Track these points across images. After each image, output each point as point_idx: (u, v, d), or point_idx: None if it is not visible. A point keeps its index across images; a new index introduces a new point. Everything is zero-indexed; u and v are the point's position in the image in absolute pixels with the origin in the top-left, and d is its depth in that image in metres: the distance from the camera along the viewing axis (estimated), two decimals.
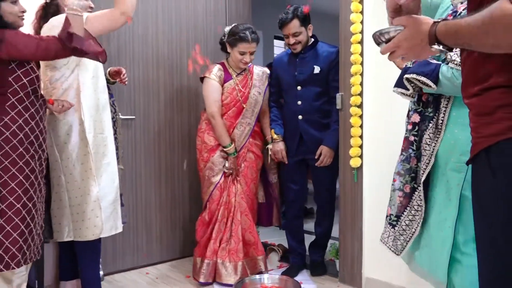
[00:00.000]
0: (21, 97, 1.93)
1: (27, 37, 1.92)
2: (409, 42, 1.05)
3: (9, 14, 1.95)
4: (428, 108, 1.74)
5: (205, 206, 2.77)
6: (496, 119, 0.99)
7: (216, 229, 2.69)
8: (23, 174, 1.91)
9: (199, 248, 2.71)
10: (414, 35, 1.05)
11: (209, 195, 2.73)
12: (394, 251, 1.86)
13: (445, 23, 1.01)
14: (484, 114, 1.02)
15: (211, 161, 2.72)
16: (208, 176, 2.73)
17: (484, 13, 0.89)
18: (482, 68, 1.02)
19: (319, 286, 2.62)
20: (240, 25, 2.73)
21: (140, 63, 2.96)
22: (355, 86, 2.49)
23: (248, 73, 2.84)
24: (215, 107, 2.71)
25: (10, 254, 1.86)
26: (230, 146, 2.71)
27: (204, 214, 2.76)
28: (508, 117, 0.97)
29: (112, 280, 2.74)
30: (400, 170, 1.81)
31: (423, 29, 1.03)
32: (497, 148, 1.00)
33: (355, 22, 2.46)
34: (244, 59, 2.70)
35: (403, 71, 1.75)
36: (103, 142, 2.27)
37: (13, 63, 1.90)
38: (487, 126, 1.01)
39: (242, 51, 2.67)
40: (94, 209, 2.19)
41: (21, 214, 1.89)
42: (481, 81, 1.02)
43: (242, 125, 2.76)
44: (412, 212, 1.79)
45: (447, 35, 1.00)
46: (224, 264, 2.64)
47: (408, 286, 2.35)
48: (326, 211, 2.84)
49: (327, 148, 2.69)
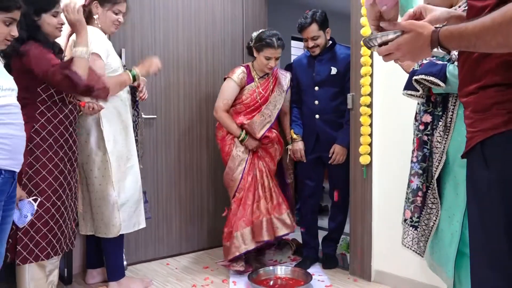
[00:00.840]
0: (49, 105, 2.07)
1: (44, 59, 1.99)
2: (410, 45, 1.14)
3: (48, 25, 2.09)
4: (438, 108, 1.80)
5: (233, 195, 2.85)
6: (491, 115, 1.08)
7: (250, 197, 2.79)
8: (53, 175, 2.07)
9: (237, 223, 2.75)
10: (417, 39, 1.13)
11: (238, 184, 2.82)
12: (419, 253, 1.87)
13: (447, 28, 1.10)
14: (480, 111, 1.11)
15: (232, 154, 2.84)
16: (233, 167, 2.83)
17: (494, 14, 0.97)
18: (479, 68, 1.11)
19: (330, 278, 2.73)
20: (266, 31, 2.83)
21: (162, 66, 3.10)
22: (365, 86, 2.60)
23: (271, 76, 2.93)
24: (221, 103, 2.84)
25: (40, 247, 2.03)
26: (241, 135, 2.82)
27: (234, 199, 2.82)
28: (502, 113, 1.05)
29: (135, 270, 2.90)
30: (417, 170, 1.84)
31: (425, 33, 1.12)
32: (491, 141, 1.08)
33: (365, 25, 2.57)
34: (270, 64, 2.79)
35: (411, 73, 1.83)
36: (126, 147, 2.43)
37: None
38: (483, 121, 1.10)
39: (268, 56, 2.77)
40: (112, 211, 2.37)
41: (50, 212, 2.06)
42: (477, 80, 1.11)
43: (263, 115, 2.83)
44: (428, 210, 1.83)
45: (451, 39, 1.08)
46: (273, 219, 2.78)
47: (414, 278, 2.45)
48: (340, 207, 2.95)
49: (339, 147, 2.81)
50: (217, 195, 3.38)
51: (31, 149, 2.02)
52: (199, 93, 3.30)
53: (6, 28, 1.65)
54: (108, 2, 2.39)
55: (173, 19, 3.15)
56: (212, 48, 3.34)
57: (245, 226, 2.73)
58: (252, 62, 2.93)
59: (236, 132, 2.83)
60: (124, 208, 2.41)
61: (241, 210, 2.76)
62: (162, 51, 3.10)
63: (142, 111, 2.89)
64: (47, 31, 2.11)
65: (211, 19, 3.34)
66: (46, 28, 2.10)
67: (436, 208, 1.81)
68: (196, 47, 3.27)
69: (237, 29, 3.46)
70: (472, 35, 1.03)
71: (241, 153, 2.84)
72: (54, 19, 2.11)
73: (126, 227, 2.43)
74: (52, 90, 2.08)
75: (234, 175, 2.82)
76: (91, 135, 2.37)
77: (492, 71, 1.08)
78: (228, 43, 3.42)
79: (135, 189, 2.47)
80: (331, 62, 2.85)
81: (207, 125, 3.34)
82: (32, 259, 2.02)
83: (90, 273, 2.67)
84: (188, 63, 3.23)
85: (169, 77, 3.15)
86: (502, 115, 1.06)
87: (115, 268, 2.51)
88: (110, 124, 2.37)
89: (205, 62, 3.31)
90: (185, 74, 3.23)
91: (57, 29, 2.14)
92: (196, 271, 2.89)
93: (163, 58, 3.11)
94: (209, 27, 3.33)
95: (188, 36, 3.23)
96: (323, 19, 2.82)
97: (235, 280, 2.69)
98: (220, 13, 3.38)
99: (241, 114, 2.87)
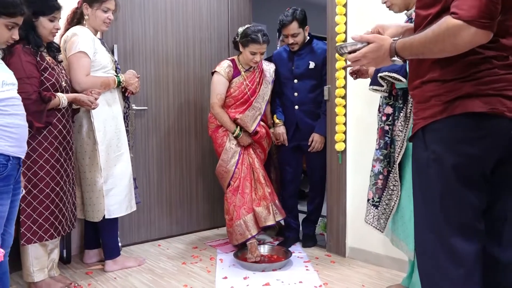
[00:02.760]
0: None
1: (21, 69, 2.09)
2: (374, 54, 1.38)
3: (43, 28, 2.25)
4: (399, 100, 2.05)
5: (228, 184, 2.97)
6: (430, 106, 1.32)
7: (248, 185, 2.93)
8: (49, 164, 2.26)
9: (238, 211, 2.88)
10: (379, 49, 1.37)
11: (231, 175, 2.94)
12: (379, 229, 2.15)
13: (402, 40, 1.35)
14: (422, 102, 1.35)
15: (226, 147, 2.96)
16: (226, 159, 2.95)
17: (434, 26, 1.22)
18: (421, 67, 1.35)
19: (309, 255, 2.97)
20: (252, 27, 2.93)
21: (152, 60, 3.30)
22: (340, 79, 2.82)
23: (257, 69, 3.04)
24: (216, 99, 2.96)
25: (43, 229, 2.24)
26: (235, 131, 2.94)
27: (230, 188, 2.95)
28: (438, 104, 1.29)
29: (129, 250, 3.11)
30: (379, 156, 2.11)
31: (385, 44, 1.37)
32: (430, 128, 1.33)
33: (340, 23, 2.79)
34: (255, 59, 2.89)
35: (376, 71, 2.07)
36: (116, 136, 2.61)
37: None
38: (424, 111, 1.34)
39: (253, 51, 2.86)
40: (98, 197, 2.56)
41: (50, 197, 2.26)
42: (421, 76, 1.36)
43: (254, 109, 2.97)
44: (389, 192, 2.09)
45: (404, 49, 1.33)
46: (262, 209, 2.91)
47: (383, 253, 2.71)
48: (317, 190, 3.21)
49: (318, 135, 3.04)
50: (205, 181, 3.61)
51: (28, 141, 2.15)
52: (188, 86, 3.50)
53: (8, 32, 1.78)
54: (96, 1, 2.53)
55: (162, 15, 3.33)
56: (200, 43, 3.53)
57: (246, 213, 2.88)
58: (238, 56, 3.05)
59: (231, 128, 2.95)
60: (114, 192, 2.59)
61: (240, 199, 2.91)
62: (152, 46, 3.28)
63: (133, 103, 3.08)
64: (41, 34, 2.26)
65: (198, 15, 3.51)
66: (41, 30, 2.25)
67: (397, 190, 2.06)
68: (184, 42, 3.45)
69: (223, 24, 3.65)
70: (419, 45, 1.27)
71: (234, 146, 2.97)
72: (50, 24, 2.26)
73: (117, 210, 2.61)
74: (48, 84, 2.23)
75: (228, 167, 2.95)
76: (82, 126, 2.56)
77: (431, 69, 1.32)
78: (214, 37, 3.61)
79: (125, 175, 2.65)
80: (309, 57, 3.06)
81: (195, 115, 3.54)
82: (36, 240, 2.23)
83: (88, 254, 2.87)
84: (177, 57, 3.42)
85: (159, 71, 3.34)
86: (439, 105, 1.29)
87: (111, 247, 2.72)
88: (100, 115, 2.54)
89: (192, 56, 3.50)
90: (174, 67, 3.41)
91: (51, 34, 2.29)
92: (185, 251, 3.12)
93: (153, 52, 3.30)
94: (196, 23, 3.51)
95: (176, 31, 3.41)
96: (303, 17, 3.02)
97: (222, 258, 2.93)
98: (207, 9, 3.56)
99: (232, 107, 2.99)
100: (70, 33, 2.50)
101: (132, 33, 3.18)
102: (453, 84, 1.26)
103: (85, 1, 2.55)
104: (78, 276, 2.62)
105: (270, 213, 2.92)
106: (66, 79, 2.38)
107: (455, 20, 1.16)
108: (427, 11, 1.31)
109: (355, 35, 1.43)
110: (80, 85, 2.45)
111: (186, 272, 2.70)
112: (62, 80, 2.33)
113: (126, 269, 2.72)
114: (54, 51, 2.41)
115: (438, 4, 1.26)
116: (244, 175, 2.94)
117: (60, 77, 2.33)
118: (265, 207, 2.92)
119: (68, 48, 2.47)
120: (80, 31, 2.49)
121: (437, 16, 1.26)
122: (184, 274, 2.66)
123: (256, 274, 2.62)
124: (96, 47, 2.54)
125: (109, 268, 2.68)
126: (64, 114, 2.34)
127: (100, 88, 2.51)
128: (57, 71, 2.32)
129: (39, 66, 2.22)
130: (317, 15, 3.92)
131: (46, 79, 2.24)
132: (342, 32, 2.79)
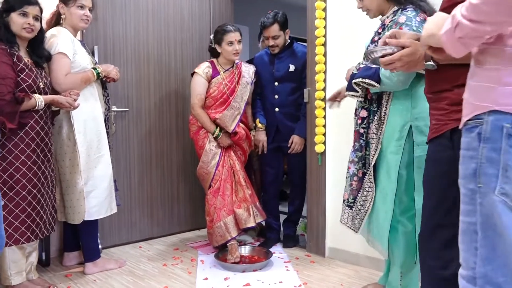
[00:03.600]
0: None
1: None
2: (409, 58, 1.45)
3: (14, 24, 2.23)
4: (373, 104, 2.10)
5: (209, 186, 2.98)
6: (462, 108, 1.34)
7: (229, 187, 2.94)
8: (26, 166, 2.23)
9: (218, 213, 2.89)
10: (414, 53, 1.44)
11: (212, 176, 2.96)
12: (353, 229, 2.20)
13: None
14: (455, 104, 1.36)
15: (206, 149, 2.97)
16: (206, 161, 2.97)
17: None
18: (450, 72, 1.37)
19: (289, 255, 3.01)
20: (221, 24, 3.04)
21: (133, 61, 3.29)
22: (319, 82, 2.87)
23: (236, 69, 3.07)
24: (196, 99, 2.98)
25: (20, 232, 2.21)
26: (215, 132, 2.96)
27: (210, 190, 2.96)
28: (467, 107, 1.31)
29: (109, 252, 3.09)
30: (354, 158, 2.15)
31: (421, 49, 1.42)
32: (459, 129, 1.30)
33: (319, 27, 2.83)
34: (234, 48, 2.93)
35: (351, 77, 2.11)
36: (96, 138, 2.59)
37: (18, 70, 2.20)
38: (457, 113, 1.31)
39: (230, 40, 2.92)
40: (79, 199, 2.54)
41: (27, 199, 2.24)
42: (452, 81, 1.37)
43: (233, 108, 2.98)
44: (364, 193, 2.13)
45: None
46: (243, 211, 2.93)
47: (361, 252, 2.76)
48: (298, 191, 3.25)
49: (298, 137, 3.08)
50: (187, 182, 3.61)
51: (3, 143, 2.17)
52: (169, 87, 3.50)
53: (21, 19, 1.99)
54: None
55: (143, 16, 3.33)
56: (181, 44, 3.54)
57: (226, 215, 2.89)
58: (217, 58, 3.07)
59: (210, 129, 2.97)
60: (94, 195, 2.58)
61: (220, 201, 2.92)
62: (133, 47, 3.28)
63: (114, 105, 3.08)
64: (14, 31, 2.24)
65: (180, 16, 3.52)
66: (13, 27, 2.23)
67: (372, 191, 2.11)
68: (165, 43, 3.45)
69: (204, 25, 3.66)
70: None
71: (214, 147, 2.98)
72: (20, 19, 2.23)
73: (97, 212, 2.60)
74: (24, 85, 2.20)
75: (208, 168, 2.97)
76: (62, 127, 2.54)
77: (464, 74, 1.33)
78: (196, 39, 3.62)
79: (105, 177, 2.64)
80: (289, 60, 3.10)
81: (177, 117, 3.54)
82: (12, 243, 2.20)
83: (67, 256, 2.85)
84: (158, 58, 3.42)
85: (140, 72, 3.33)
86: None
87: (91, 250, 2.71)
88: (80, 116, 2.52)
89: (174, 57, 3.51)
90: (156, 69, 3.41)
91: (24, 30, 2.25)
92: (166, 253, 3.12)
93: (135, 53, 3.29)
94: (177, 24, 3.51)
95: (158, 32, 3.41)
96: (284, 20, 3.06)
97: (203, 259, 2.94)
98: (188, 10, 3.57)
99: (212, 108, 3.00)
100: (48, 35, 2.48)
101: (113, 34, 3.17)
102: None
103: (60, 1, 2.54)
104: (57, 279, 2.61)
105: (251, 215, 2.94)
106: (45, 81, 2.36)
107: None
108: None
109: (390, 40, 1.48)
110: (60, 85, 2.44)
111: (167, 273, 2.71)
112: (40, 81, 2.31)
113: (106, 271, 2.71)
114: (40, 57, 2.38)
115: None
116: (225, 177, 2.96)
117: (38, 78, 2.31)
118: (246, 209, 2.94)
119: (47, 49, 2.46)
120: (58, 32, 2.48)
121: None
122: (165, 276, 2.66)
123: (237, 274, 2.65)
124: (76, 48, 2.53)
125: (89, 270, 2.67)
126: (42, 115, 2.32)
127: (82, 85, 2.50)
128: (35, 73, 2.30)
129: (15, 67, 2.20)
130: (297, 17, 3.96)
131: (22, 80, 2.22)
132: (322, 36, 2.84)
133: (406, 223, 2.06)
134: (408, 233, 2.06)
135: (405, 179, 2.02)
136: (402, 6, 1.96)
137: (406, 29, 1.85)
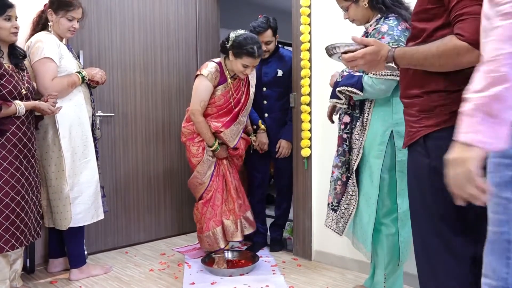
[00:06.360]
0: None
1: None
2: (371, 56, 1.45)
3: (1, 29, 2.20)
4: (356, 110, 2.15)
5: (201, 196, 2.89)
6: (435, 115, 1.35)
7: (219, 197, 2.88)
8: (8, 173, 2.19)
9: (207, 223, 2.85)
10: (377, 52, 1.45)
11: (206, 187, 2.86)
12: (337, 232, 2.24)
13: (402, 49, 1.42)
14: (426, 111, 1.38)
15: (203, 160, 2.82)
16: (203, 172, 2.85)
17: (438, 43, 1.29)
18: (423, 77, 1.39)
19: (276, 259, 3.02)
20: (248, 38, 2.69)
21: (119, 66, 3.29)
22: (305, 87, 2.90)
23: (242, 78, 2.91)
24: (199, 106, 2.76)
25: (3, 240, 2.17)
26: (214, 144, 2.81)
27: (202, 200, 2.87)
28: (444, 113, 1.33)
29: (95, 258, 3.07)
30: (337, 163, 2.19)
31: (384, 50, 1.44)
32: (432, 136, 1.36)
33: (304, 33, 2.87)
34: (246, 71, 2.73)
35: (335, 85, 2.16)
36: (82, 143, 2.58)
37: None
38: (428, 119, 1.37)
39: (246, 64, 2.69)
40: (65, 205, 2.53)
41: (10, 207, 2.19)
42: (421, 86, 1.40)
43: (239, 123, 2.86)
44: (348, 197, 2.17)
45: (403, 58, 1.40)
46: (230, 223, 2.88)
47: (348, 256, 2.79)
48: (284, 195, 3.27)
49: (285, 141, 3.10)
50: (173, 187, 3.61)
51: None
52: (155, 93, 3.50)
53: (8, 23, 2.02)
54: (61, 9, 2.52)
55: (129, 22, 3.33)
56: (167, 50, 3.54)
57: (215, 226, 2.85)
58: (225, 60, 2.85)
59: (209, 141, 2.80)
60: (80, 201, 2.56)
61: (210, 211, 2.86)
62: (118, 53, 3.27)
63: (100, 110, 3.06)
64: (3, 36, 2.23)
65: (166, 22, 3.52)
66: (0, 32, 2.22)
67: (355, 195, 2.15)
68: (151, 49, 3.45)
69: (191, 32, 3.67)
70: (421, 57, 1.34)
71: (210, 157, 2.85)
72: (7, 24, 2.22)
73: (83, 218, 2.58)
74: (4, 91, 2.17)
75: (204, 179, 2.85)
76: (48, 132, 2.53)
77: (434, 80, 1.37)
78: (182, 45, 3.63)
79: (92, 183, 2.62)
80: (277, 64, 3.13)
81: (163, 122, 3.54)
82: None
83: (52, 263, 2.82)
84: (144, 64, 3.42)
85: (126, 78, 3.33)
86: (445, 114, 1.34)
87: (76, 256, 2.68)
88: (65, 121, 2.51)
89: (160, 63, 3.51)
90: (141, 74, 3.41)
91: (11, 34, 2.25)
92: (153, 258, 3.11)
93: (120, 59, 3.29)
94: (163, 30, 3.52)
95: (143, 38, 3.41)
96: (276, 25, 3.08)
97: (190, 263, 2.94)
98: (174, 16, 3.57)
99: (212, 117, 2.82)
100: (34, 39, 2.47)
101: (98, 39, 3.16)
102: (459, 95, 1.27)
103: (50, 8, 2.53)
104: (42, 286, 2.58)
105: (238, 229, 2.91)
106: (28, 86, 2.34)
107: (461, 42, 1.24)
108: (424, 24, 1.38)
109: (355, 37, 1.50)
110: (47, 90, 2.43)
111: (153, 278, 2.70)
112: (21, 87, 2.28)
113: (92, 278, 2.69)
114: (18, 57, 2.37)
115: (437, 19, 1.33)
116: (216, 186, 2.88)
117: (20, 84, 2.27)
118: (233, 222, 2.90)
119: (32, 54, 2.45)
120: (44, 37, 2.47)
121: (436, 30, 1.34)
122: (151, 281, 2.66)
123: (224, 279, 2.65)
124: (62, 52, 2.53)
125: (74, 277, 2.65)
126: (23, 121, 2.29)
127: (68, 89, 2.50)
128: (16, 78, 2.26)
129: None
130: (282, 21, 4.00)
131: (2, 86, 2.19)
132: (306, 41, 2.87)
133: (390, 225, 2.09)
134: (391, 236, 2.10)
135: (388, 182, 2.06)
136: (384, 15, 2.00)
137: (388, 38, 1.89)
